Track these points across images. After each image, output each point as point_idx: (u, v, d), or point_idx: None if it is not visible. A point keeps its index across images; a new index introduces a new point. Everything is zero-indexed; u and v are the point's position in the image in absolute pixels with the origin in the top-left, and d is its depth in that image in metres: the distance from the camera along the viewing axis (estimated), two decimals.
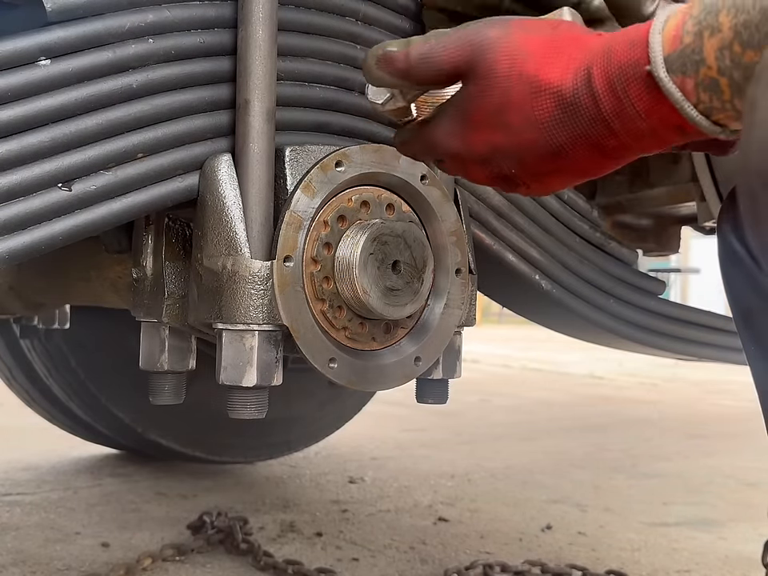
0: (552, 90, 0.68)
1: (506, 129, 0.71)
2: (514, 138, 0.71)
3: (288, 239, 0.98)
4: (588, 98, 0.67)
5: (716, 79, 0.62)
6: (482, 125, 0.72)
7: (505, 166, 0.73)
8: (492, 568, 1.71)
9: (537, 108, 0.69)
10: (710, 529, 2.17)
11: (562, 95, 0.68)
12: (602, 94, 0.66)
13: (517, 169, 0.73)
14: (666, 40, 0.63)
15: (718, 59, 0.61)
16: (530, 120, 0.69)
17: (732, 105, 0.63)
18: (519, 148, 0.71)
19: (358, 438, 3.17)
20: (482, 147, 0.73)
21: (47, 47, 0.87)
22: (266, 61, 0.98)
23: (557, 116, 0.68)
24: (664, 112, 0.65)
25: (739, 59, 0.60)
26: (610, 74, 0.66)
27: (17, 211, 0.87)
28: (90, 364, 2.36)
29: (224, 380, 0.98)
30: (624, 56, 0.65)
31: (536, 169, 0.72)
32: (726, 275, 0.82)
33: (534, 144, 0.70)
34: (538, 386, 5.63)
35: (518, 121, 0.70)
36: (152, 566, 1.73)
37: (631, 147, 0.68)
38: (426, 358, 1.10)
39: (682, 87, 0.63)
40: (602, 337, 1.65)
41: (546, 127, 0.69)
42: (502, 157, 0.72)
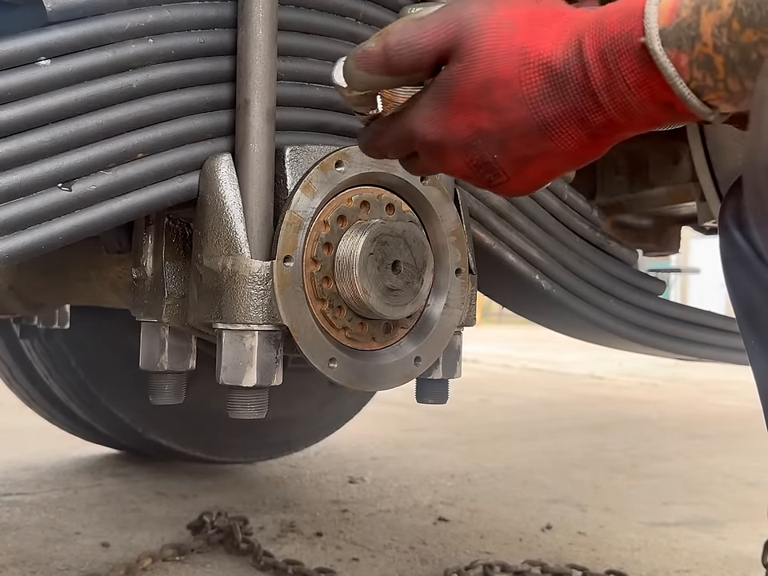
0: (542, 62, 0.65)
1: (491, 108, 0.67)
2: (499, 118, 0.67)
3: (288, 239, 0.98)
4: (578, 69, 0.64)
5: (711, 57, 0.60)
6: (465, 106, 0.68)
7: (487, 151, 0.69)
8: (492, 568, 1.72)
9: (525, 82, 0.66)
10: (710, 529, 2.17)
11: (552, 67, 0.65)
12: (592, 65, 0.63)
13: (499, 154, 0.69)
14: (663, 12, 0.60)
15: (715, 36, 0.59)
16: (517, 96, 0.66)
17: (725, 84, 0.61)
18: (504, 128, 0.67)
19: (358, 438, 3.17)
20: (465, 131, 0.69)
21: (47, 47, 0.87)
22: (266, 61, 0.98)
23: (545, 90, 0.65)
24: (655, 87, 0.62)
25: (737, 38, 0.58)
26: (602, 45, 0.63)
27: (17, 211, 0.87)
28: (90, 364, 2.36)
29: (224, 380, 0.98)
30: (617, 27, 0.62)
31: (520, 152, 0.68)
32: (728, 271, 0.82)
33: (521, 122, 0.66)
34: (538, 386, 5.63)
35: (504, 98, 0.66)
36: (152, 566, 1.73)
37: (618, 125, 0.65)
38: (426, 358, 1.10)
39: (675, 63, 0.60)
40: (601, 337, 1.65)
41: (533, 102, 0.66)
42: (486, 140, 0.68)
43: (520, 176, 0.70)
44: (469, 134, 0.69)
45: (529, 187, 0.73)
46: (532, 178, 0.71)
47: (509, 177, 0.71)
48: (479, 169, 0.71)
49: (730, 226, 0.81)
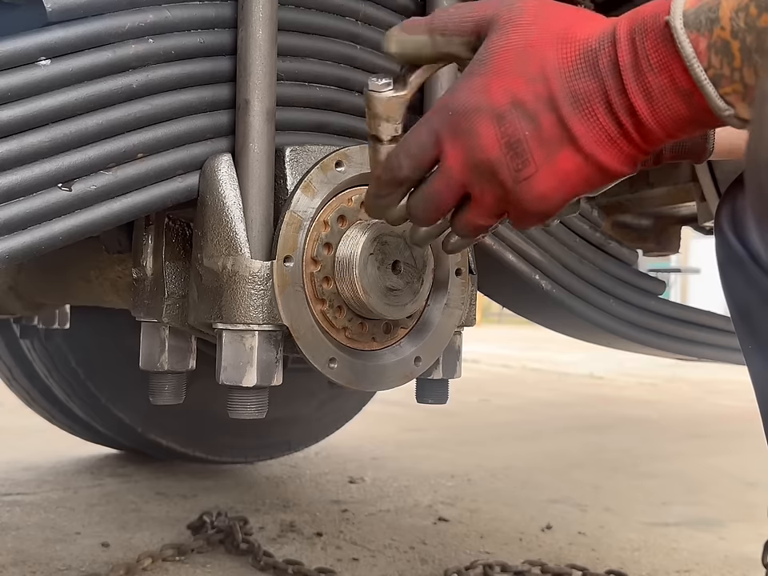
0: (579, 40, 0.67)
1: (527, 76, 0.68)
2: (534, 87, 0.67)
3: (288, 239, 0.98)
4: (610, 46, 0.65)
5: (728, 42, 0.61)
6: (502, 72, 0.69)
7: (519, 124, 0.68)
8: (492, 568, 1.72)
9: (560, 55, 0.67)
10: (710, 529, 2.17)
11: (588, 44, 0.67)
12: (622, 42, 0.65)
13: (531, 130, 0.68)
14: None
15: (733, 20, 0.60)
16: (552, 67, 0.67)
17: (741, 75, 0.61)
18: (538, 98, 0.67)
19: (358, 438, 3.17)
20: (502, 97, 0.68)
21: (47, 47, 0.87)
22: (266, 61, 0.98)
23: (579, 65, 0.67)
24: (675, 70, 0.63)
25: (754, 22, 0.59)
26: (633, 24, 0.65)
27: (17, 211, 0.87)
28: (90, 364, 2.36)
29: (224, 380, 0.98)
30: (650, 9, 0.64)
31: (550, 132, 0.68)
32: (723, 273, 0.82)
33: (553, 94, 0.67)
34: (538, 386, 5.63)
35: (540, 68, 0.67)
36: (152, 566, 1.73)
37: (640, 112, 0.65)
38: (426, 358, 1.10)
39: (695, 45, 0.61)
40: (601, 337, 1.65)
41: (566, 75, 0.67)
42: (519, 111, 0.68)
43: (548, 168, 0.69)
44: (504, 101, 0.68)
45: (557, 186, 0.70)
46: (561, 174, 0.69)
47: (537, 166, 0.69)
48: (510, 150, 0.69)
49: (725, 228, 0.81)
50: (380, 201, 0.80)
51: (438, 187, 0.74)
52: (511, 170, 0.70)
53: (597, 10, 1.64)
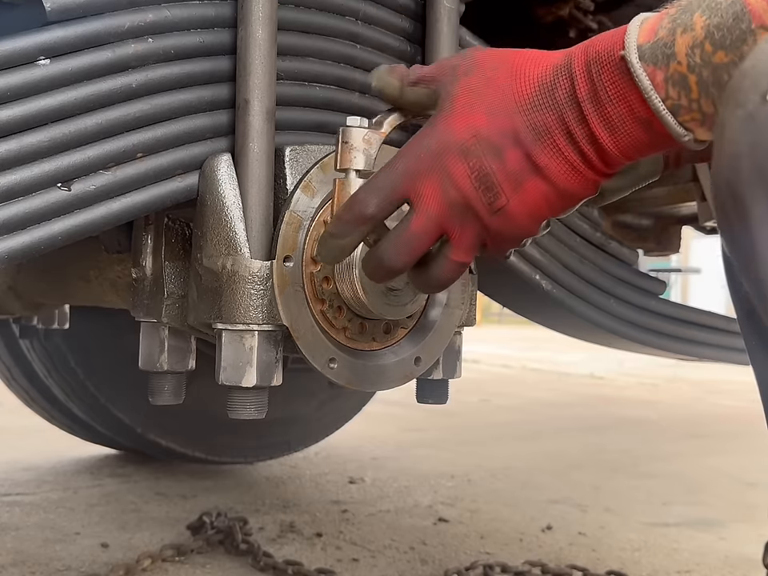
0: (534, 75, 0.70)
1: (488, 111, 0.71)
2: (495, 121, 0.70)
3: (288, 239, 0.97)
4: (566, 79, 0.68)
5: (685, 75, 0.63)
6: (464, 109, 0.72)
7: (485, 159, 0.70)
8: (492, 568, 1.71)
9: (517, 91, 0.70)
10: (710, 529, 2.17)
11: (543, 78, 0.70)
12: (578, 76, 0.68)
13: (497, 164, 0.70)
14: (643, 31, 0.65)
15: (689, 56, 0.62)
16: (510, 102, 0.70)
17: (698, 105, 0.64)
18: (500, 133, 0.70)
19: (358, 438, 3.17)
20: (465, 132, 0.71)
21: (47, 47, 0.87)
22: (266, 60, 0.98)
23: (536, 98, 0.69)
24: (633, 101, 0.66)
25: (709, 58, 0.62)
26: (589, 58, 0.67)
27: (16, 211, 0.86)
28: (90, 364, 2.35)
29: (223, 380, 0.98)
30: (603, 43, 0.67)
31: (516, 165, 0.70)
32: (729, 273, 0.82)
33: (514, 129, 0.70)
34: (538, 386, 5.63)
35: (499, 103, 0.70)
36: (152, 567, 1.73)
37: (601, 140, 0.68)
38: (426, 358, 1.10)
39: (651, 78, 0.64)
40: (602, 337, 1.65)
41: (525, 109, 0.69)
42: (483, 146, 0.70)
43: (518, 198, 0.71)
44: (468, 137, 0.71)
45: (529, 214, 0.72)
46: (531, 202, 0.71)
47: (508, 197, 0.71)
48: (480, 184, 0.71)
49: None
50: (338, 241, 0.80)
51: (416, 229, 0.74)
52: (485, 203, 0.72)
53: (597, 9, 1.64)
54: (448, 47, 1.14)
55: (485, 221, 0.73)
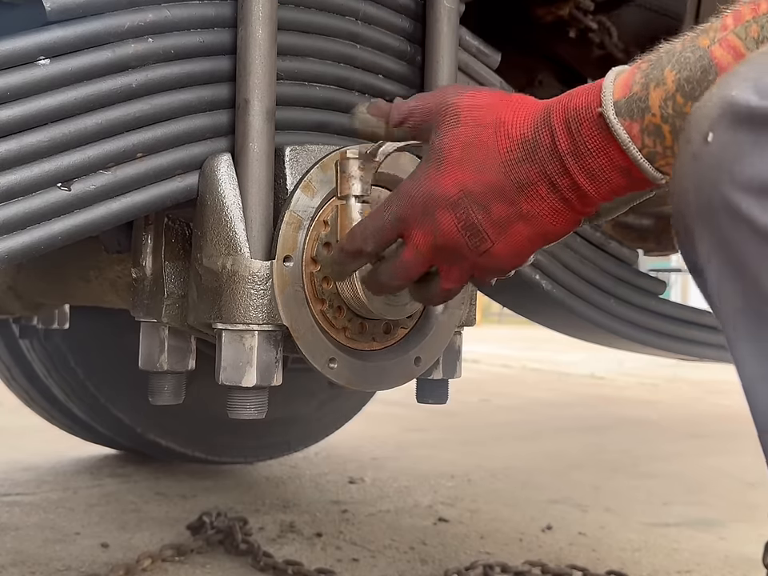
0: (517, 131, 0.75)
1: (474, 168, 0.76)
2: (481, 177, 0.75)
3: (288, 239, 0.97)
4: (547, 135, 0.73)
5: (659, 126, 0.68)
6: (453, 165, 0.77)
7: (472, 211, 0.76)
8: (492, 568, 1.71)
9: (501, 147, 0.75)
10: (710, 529, 2.17)
11: (524, 134, 0.74)
12: (558, 132, 0.72)
13: (483, 214, 0.76)
14: (617, 88, 0.69)
15: (662, 108, 0.67)
16: (495, 159, 0.75)
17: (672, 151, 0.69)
18: (485, 188, 0.75)
19: (358, 438, 3.17)
20: (453, 188, 0.76)
21: (46, 47, 0.87)
22: (266, 60, 0.98)
23: (519, 155, 0.74)
24: (612, 153, 0.71)
25: (681, 109, 0.67)
26: (567, 115, 0.72)
27: (16, 211, 0.86)
28: (90, 364, 2.35)
29: (224, 380, 0.98)
30: (580, 100, 0.72)
31: (500, 214, 0.75)
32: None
33: (499, 184, 0.75)
34: (538, 386, 5.63)
35: (484, 160, 0.75)
36: (151, 567, 1.73)
37: (584, 189, 0.73)
38: (426, 358, 1.10)
39: (628, 130, 0.69)
40: (602, 337, 1.65)
41: (509, 165, 0.74)
42: (470, 199, 0.76)
43: (503, 241, 0.77)
44: (456, 192, 0.76)
45: (514, 253, 0.78)
46: (515, 244, 0.77)
47: (493, 241, 0.77)
48: (467, 231, 0.77)
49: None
50: (341, 267, 0.90)
51: (407, 260, 0.82)
52: (471, 246, 0.78)
53: (597, 9, 1.64)
54: (448, 47, 1.14)
55: (470, 260, 0.80)
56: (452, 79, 1.15)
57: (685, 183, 0.58)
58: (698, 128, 0.56)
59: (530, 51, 1.81)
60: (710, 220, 0.55)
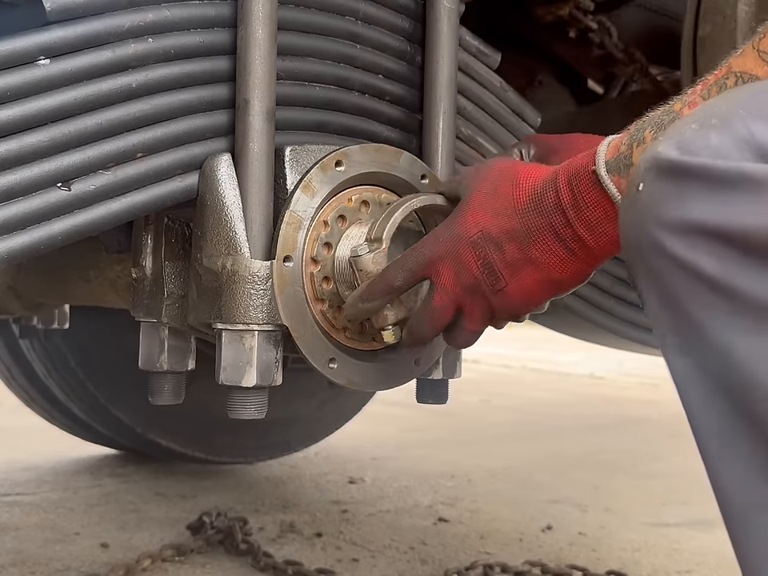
0: (529, 186, 0.85)
1: (494, 212, 0.86)
2: (499, 221, 0.86)
3: (288, 239, 0.97)
4: (552, 191, 0.83)
5: None
6: (476, 208, 0.88)
7: (489, 250, 0.86)
8: (492, 568, 1.71)
9: (516, 198, 0.85)
10: (710, 529, 2.17)
11: (535, 188, 0.84)
12: (562, 188, 0.82)
13: (498, 254, 0.85)
14: (610, 149, 0.79)
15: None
16: (511, 207, 0.85)
17: None
18: (502, 231, 0.85)
19: (358, 438, 3.17)
20: (474, 228, 0.87)
21: (46, 47, 0.87)
22: (266, 60, 0.98)
23: (530, 205, 0.84)
24: (606, 205, 0.79)
25: None
26: (570, 174, 0.82)
27: (16, 211, 0.86)
28: (90, 364, 2.35)
29: (224, 380, 0.97)
30: (581, 161, 0.82)
31: (513, 256, 0.85)
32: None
33: (513, 228, 0.85)
34: (538, 386, 5.63)
35: (503, 207, 0.86)
36: (151, 567, 1.73)
37: (584, 239, 0.81)
38: (426, 358, 1.10)
39: (617, 185, 0.77)
40: (602, 337, 1.65)
41: (521, 214, 0.84)
42: (488, 240, 0.86)
43: (515, 282, 0.86)
44: (476, 231, 0.87)
45: (525, 296, 0.87)
46: (526, 286, 0.86)
47: (506, 282, 0.86)
48: (485, 269, 0.86)
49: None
50: (365, 305, 0.94)
51: (437, 303, 0.90)
52: (488, 284, 0.87)
53: (597, 9, 1.64)
54: (448, 47, 1.14)
55: (489, 298, 0.88)
56: (452, 79, 1.15)
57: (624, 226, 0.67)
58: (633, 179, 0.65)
59: (530, 51, 1.81)
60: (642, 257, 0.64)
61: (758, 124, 0.58)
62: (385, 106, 1.14)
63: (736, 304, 0.58)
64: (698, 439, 0.68)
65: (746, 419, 0.60)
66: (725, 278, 0.58)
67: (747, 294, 0.57)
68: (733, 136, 0.59)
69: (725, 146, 0.58)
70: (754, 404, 0.59)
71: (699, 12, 1.33)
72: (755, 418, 0.59)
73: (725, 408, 0.61)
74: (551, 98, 1.86)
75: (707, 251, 0.58)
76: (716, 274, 0.58)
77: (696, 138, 0.60)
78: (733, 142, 0.59)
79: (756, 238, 0.56)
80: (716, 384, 0.61)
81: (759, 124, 0.58)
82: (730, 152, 0.58)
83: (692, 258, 0.59)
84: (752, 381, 0.58)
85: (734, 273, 0.57)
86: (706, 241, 0.58)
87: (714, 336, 0.59)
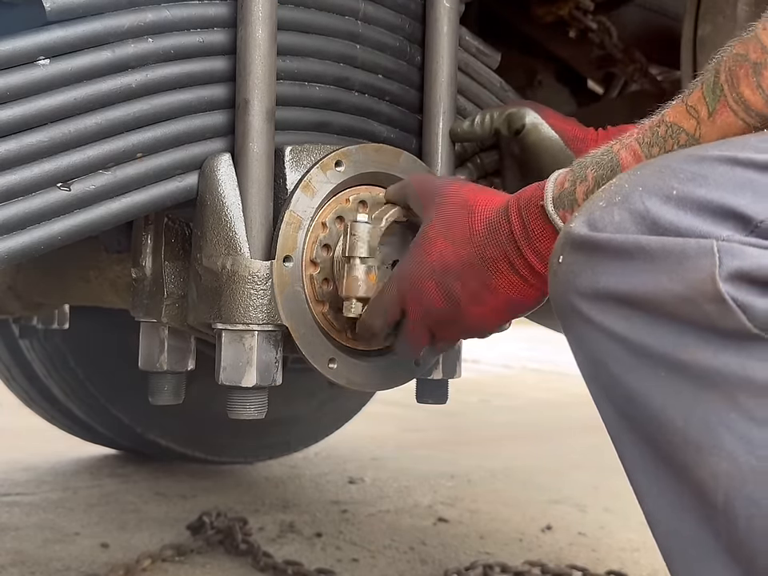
0: (484, 215, 0.89)
1: (452, 241, 0.90)
2: (457, 250, 0.90)
3: (288, 239, 0.97)
4: (505, 221, 0.87)
5: None
6: (435, 237, 0.92)
7: (450, 279, 0.90)
8: (492, 568, 1.71)
9: (471, 227, 0.90)
10: None
11: (489, 218, 0.89)
12: (513, 219, 0.86)
13: (458, 283, 0.90)
14: (557, 184, 0.83)
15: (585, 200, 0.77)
16: (466, 236, 0.90)
17: None
18: (460, 260, 0.89)
19: (358, 438, 3.17)
20: (436, 260, 0.91)
21: (46, 47, 0.87)
22: (266, 60, 0.98)
23: (484, 235, 0.88)
24: (553, 237, 0.82)
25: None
26: (520, 205, 0.86)
27: (16, 211, 0.86)
28: (89, 364, 2.35)
29: (223, 380, 0.98)
30: (529, 194, 0.86)
31: (472, 284, 0.89)
32: None
33: (470, 257, 0.89)
34: (538, 386, 5.63)
35: (459, 236, 0.90)
36: (151, 567, 1.73)
37: (536, 267, 0.85)
38: (426, 359, 1.10)
39: (563, 219, 0.82)
40: None
41: (477, 243, 0.89)
42: (448, 269, 0.90)
43: (476, 308, 0.90)
44: (437, 261, 0.91)
45: (486, 320, 0.92)
46: (486, 312, 0.90)
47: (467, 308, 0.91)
48: (448, 299, 0.91)
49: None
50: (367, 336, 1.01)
51: (410, 332, 0.96)
52: (451, 313, 0.92)
53: (597, 9, 1.64)
54: (448, 47, 1.14)
55: (455, 323, 0.94)
56: (452, 79, 1.15)
57: (551, 293, 0.72)
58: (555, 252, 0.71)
59: (530, 51, 1.81)
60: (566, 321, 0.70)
61: (654, 200, 0.64)
62: (385, 106, 1.14)
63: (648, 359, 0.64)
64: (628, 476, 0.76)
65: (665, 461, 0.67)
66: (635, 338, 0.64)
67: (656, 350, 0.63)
68: (631, 212, 0.65)
69: (624, 220, 0.65)
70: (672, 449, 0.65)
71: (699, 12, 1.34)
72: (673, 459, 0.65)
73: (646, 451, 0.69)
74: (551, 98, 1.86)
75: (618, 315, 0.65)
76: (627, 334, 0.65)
77: (603, 215, 0.67)
78: (631, 216, 0.65)
79: (654, 301, 0.62)
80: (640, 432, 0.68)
81: (655, 200, 0.64)
82: (628, 226, 0.65)
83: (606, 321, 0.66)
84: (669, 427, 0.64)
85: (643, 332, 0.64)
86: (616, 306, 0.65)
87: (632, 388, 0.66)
